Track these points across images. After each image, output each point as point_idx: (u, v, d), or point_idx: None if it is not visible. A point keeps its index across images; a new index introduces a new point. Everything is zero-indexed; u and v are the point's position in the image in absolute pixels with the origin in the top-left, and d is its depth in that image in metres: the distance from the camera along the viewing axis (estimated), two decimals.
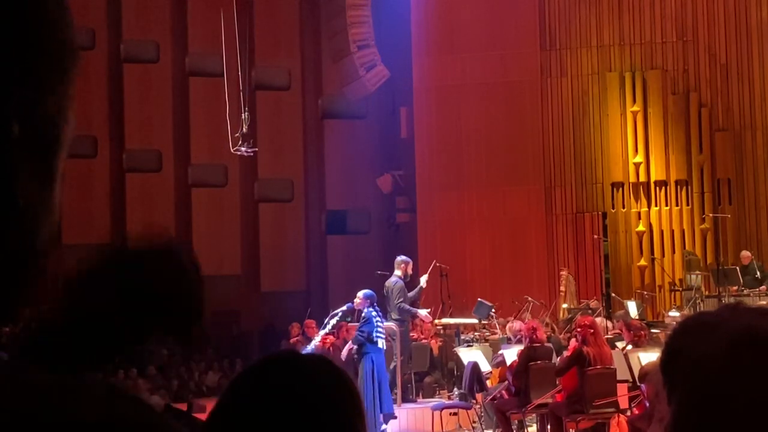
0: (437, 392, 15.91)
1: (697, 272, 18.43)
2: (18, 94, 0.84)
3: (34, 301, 0.87)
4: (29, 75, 0.85)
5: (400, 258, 15.12)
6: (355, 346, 13.15)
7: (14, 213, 0.83)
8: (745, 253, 18.16)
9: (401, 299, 14.65)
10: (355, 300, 13.52)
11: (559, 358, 12.51)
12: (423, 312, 15.33)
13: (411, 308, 15.09)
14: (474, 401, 13.50)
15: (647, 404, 10.47)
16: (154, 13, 21.94)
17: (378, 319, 13.33)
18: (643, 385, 10.73)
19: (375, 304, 13.41)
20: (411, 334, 15.75)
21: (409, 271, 15.03)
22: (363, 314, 13.34)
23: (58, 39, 0.87)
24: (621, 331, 13.67)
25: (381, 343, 13.36)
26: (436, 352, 16.31)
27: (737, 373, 1.34)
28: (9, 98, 0.83)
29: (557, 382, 12.02)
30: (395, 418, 13.66)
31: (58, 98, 0.87)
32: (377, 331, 13.26)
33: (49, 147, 0.86)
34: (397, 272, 14.87)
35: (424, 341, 16.26)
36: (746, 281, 17.56)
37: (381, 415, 12.89)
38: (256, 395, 1.63)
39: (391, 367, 14.44)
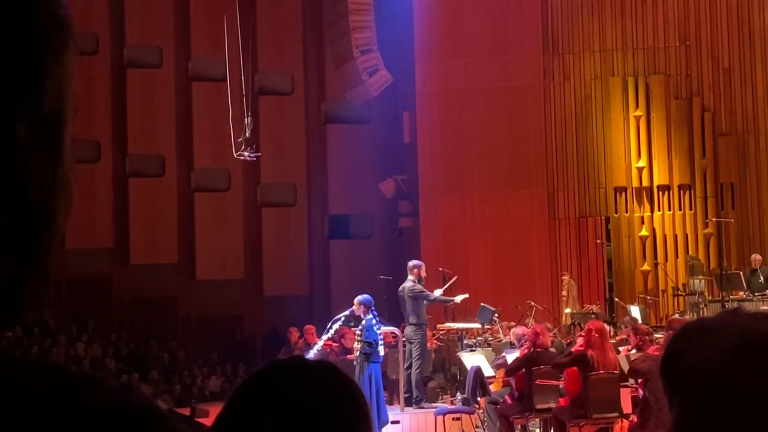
0: (440, 397, 15.90)
1: (701, 277, 18.41)
2: (15, 89, 0.84)
3: (37, 303, 0.88)
4: (24, 65, 0.84)
5: (412, 263, 15.00)
6: (363, 355, 13.14)
7: (28, 207, 0.85)
8: (756, 257, 18.10)
9: (428, 296, 14.68)
10: (353, 306, 13.50)
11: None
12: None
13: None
14: (477, 406, 13.49)
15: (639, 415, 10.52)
16: (157, 19, 21.97)
17: (377, 326, 13.33)
18: (641, 390, 10.76)
19: (373, 309, 13.40)
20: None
21: (423, 275, 14.88)
22: (362, 323, 13.32)
23: (44, 15, 0.86)
24: (628, 336, 13.67)
25: (381, 350, 13.39)
26: (432, 354, 16.31)
27: (738, 376, 1.34)
28: (8, 95, 0.83)
29: (560, 376, 11.98)
30: (397, 422, 13.66)
31: (57, 80, 0.87)
32: (379, 339, 13.28)
33: (55, 130, 0.87)
34: (411, 277, 14.75)
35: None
36: (754, 285, 17.53)
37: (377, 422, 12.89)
38: (263, 402, 1.63)
39: (404, 369, 14.45)
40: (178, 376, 19.88)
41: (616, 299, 19.14)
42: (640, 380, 11.10)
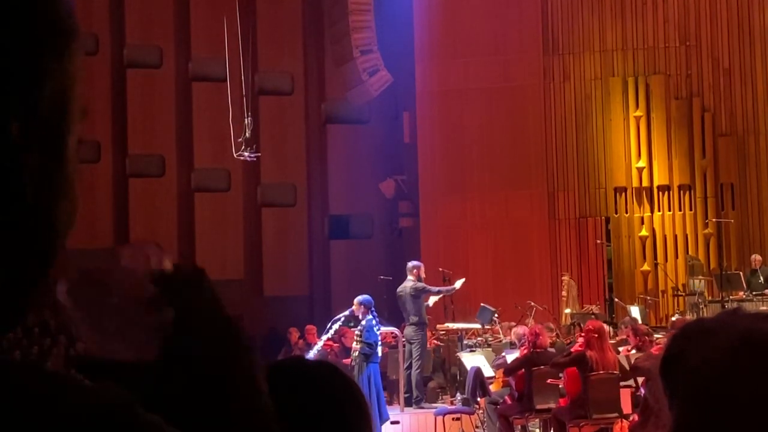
0: (440, 397, 15.91)
1: (700, 277, 18.42)
2: (12, 88, 0.82)
3: (38, 303, 0.88)
4: (22, 64, 0.82)
5: (411, 264, 15.06)
6: (362, 356, 13.15)
7: (26, 207, 0.83)
8: (756, 257, 18.10)
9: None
10: (353, 307, 13.52)
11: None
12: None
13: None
14: (477, 406, 13.50)
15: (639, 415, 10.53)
16: (157, 18, 21.96)
17: (377, 327, 13.34)
18: (643, 389, 10.77)
19: (373, 309, 13.41)
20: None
21: (422, 275, 14.95)
22: (362, 323, 13.32)
23: (46, 20, 0.84)
24: (628, 336, 13.68)
25: (380, 351, 13.41)
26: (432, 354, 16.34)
27: (737, 376, 1.34)
28: (3, 93, 0.81)
29: (559, 376, 11.98)
30: (397, 422, 13.67)
31: (58, 80, 0.84)
32: (378, 340, 13.30)
33: (54, 130, 0.85)
34: (410, 278, 14.76)
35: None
36: (754, 285, 17.53)
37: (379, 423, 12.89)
38: None
39: (404, 369, 14.46)
40: None
41: (616, 299, 19.14)
42: (642, 379, 11.10)
